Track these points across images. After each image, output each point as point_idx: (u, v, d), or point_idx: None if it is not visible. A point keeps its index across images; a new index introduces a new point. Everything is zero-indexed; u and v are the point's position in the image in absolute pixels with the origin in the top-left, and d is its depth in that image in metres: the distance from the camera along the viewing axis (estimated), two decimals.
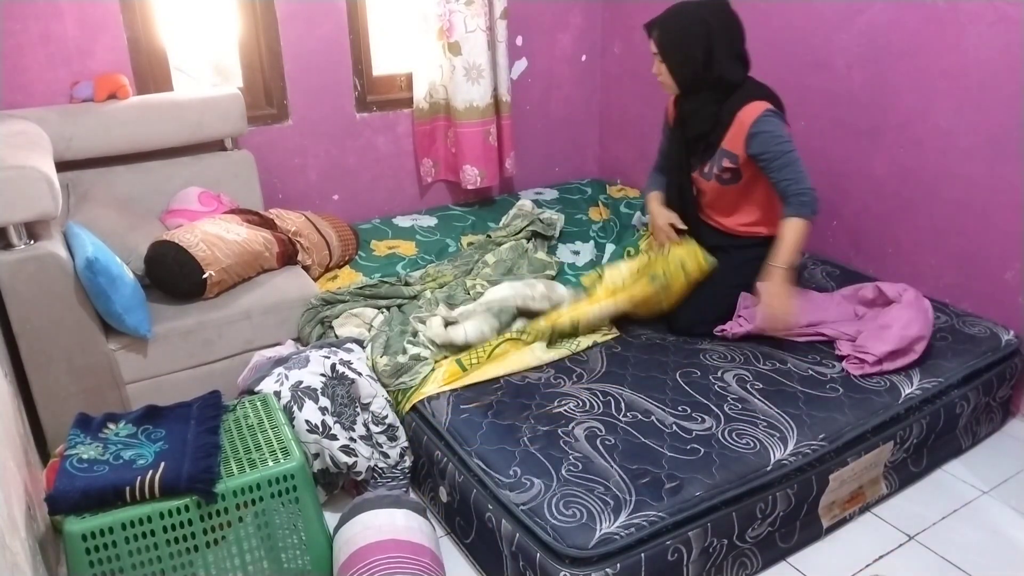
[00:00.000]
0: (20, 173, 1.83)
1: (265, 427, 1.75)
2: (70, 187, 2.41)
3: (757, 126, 2.13)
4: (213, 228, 2.31)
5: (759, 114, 2.14)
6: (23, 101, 2.45)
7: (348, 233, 2.79)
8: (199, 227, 2.31)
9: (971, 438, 2.20)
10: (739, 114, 2.16)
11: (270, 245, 2.40)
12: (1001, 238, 2.30)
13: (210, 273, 2.19)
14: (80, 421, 1.71)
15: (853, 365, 2.06)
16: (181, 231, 2.28)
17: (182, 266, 2.18)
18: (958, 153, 2.35)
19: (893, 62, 2.46)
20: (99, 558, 1.49)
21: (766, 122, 2.14)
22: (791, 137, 2.17)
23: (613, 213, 3.16)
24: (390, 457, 1.99)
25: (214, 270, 2.20)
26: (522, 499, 1.62)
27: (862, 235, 2.70)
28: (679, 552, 1.59)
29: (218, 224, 2.36)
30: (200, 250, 2.20)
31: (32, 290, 1.89)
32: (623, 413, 1.89)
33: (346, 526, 1.70)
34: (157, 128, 2.54)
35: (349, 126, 3.11)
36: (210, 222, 2.37)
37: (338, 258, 2.69)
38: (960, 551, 1.84)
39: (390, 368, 2.05)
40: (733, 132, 2.18)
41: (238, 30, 2.84)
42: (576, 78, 3.57)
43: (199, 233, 2.26)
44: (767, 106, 2.16)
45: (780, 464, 1.73)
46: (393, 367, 2.05)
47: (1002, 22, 2.16)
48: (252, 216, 2.51)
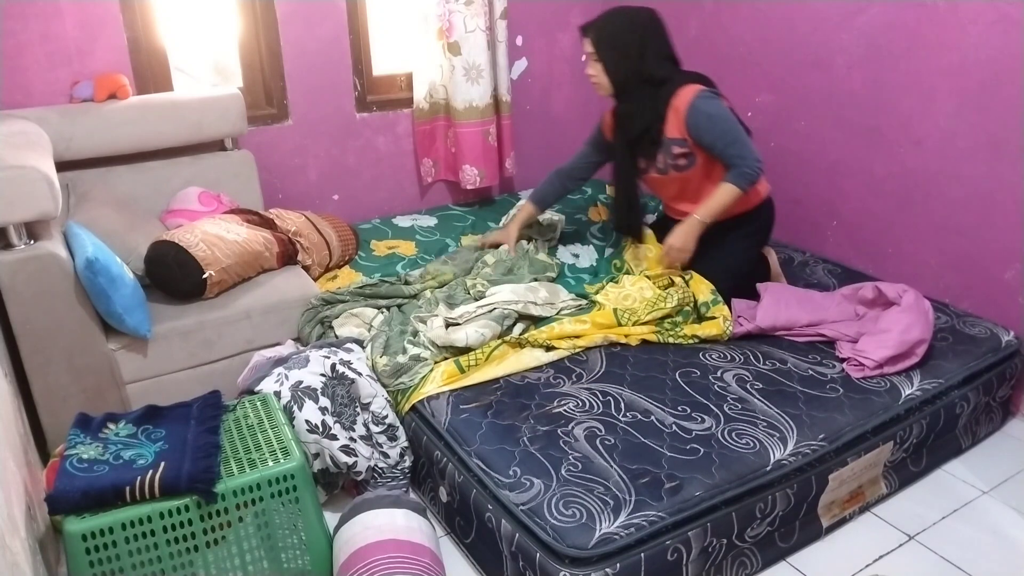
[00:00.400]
0: (20, 173, 1.83)
1: (265, 427, 1.75)
2: (70, 187, 2.41)
3: (692, 109, 2.23)
4: (213, 228, 2.31)
5: (692, 97, 2.24)
6: (23, 101, 2.45)
7: (348, 233, 2.79)
8: (199, 227, 2.31)
9: (971, 438, 2.20)
10: (673, 101, 2.27)
11: (270, 245, 2.40)
12: (1001, 238, 2.30)
13: (210, 273, 2.19)
14: (80, 421, 1.71)
15: (853, 368, 2.06)
16: (181, 231, 2.28)
17: (182, 266, 2.17)
18: (958, 153, 2.35)
19: (893, 62, 2.46)
20: (99, 558, 1.49)
21: (700, 103, 2.23)
22: (730, 112, 2.26)
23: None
24: (390, 457, 1.99)
25: (214, 270, 2.20)
26: (522, 499, 1.62)
27: (862, 235, 2.70)
28: (679, 552, 1.59)
29: (218, 224, 2.36)
30: (200, 250, 2.20)
31: (32, 290, 1.89)
32: (623, 413, 1.89)
33: (346, 526, 1.70)
34: (157, 128, 2.54)
35: (349, 126, 3.11)
36: (210, 222, 2.37)
37: (338, 258, 2.69)
38: (960, 551, 1.84)
39: (389, 368, 2.05)
40: (672, 119, 2.28)
41: (238, 30, 2.84)
42: (576, 78, 3.57)
43: (199, 233, 2.26)
44: (699, 88, 2.25)
45: (779, 464, 1.73)
46: (393, 367, 2.05)
47: (1002, 22, 2.16)
48: (252, 216, 2.51)
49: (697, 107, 2.22)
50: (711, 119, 2.23)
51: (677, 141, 2.29)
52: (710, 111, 2.23)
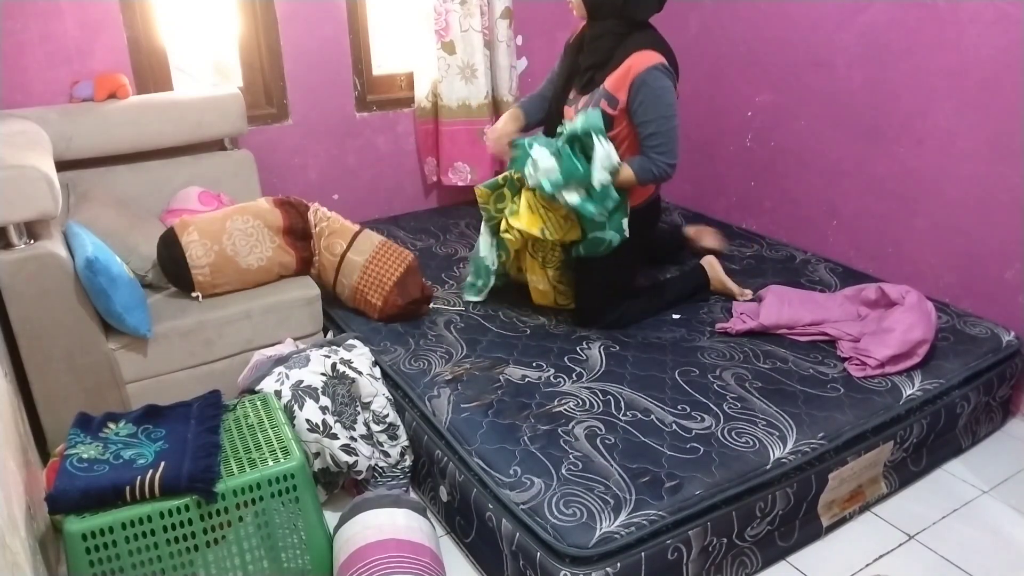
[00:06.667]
0: (20, 173, 1.83)
1: (265, 426, 1.75)
2: (70, 187, 2.41)
3: (646, 76, 2.06)
4: (236, 247, 2.23)
5: (651, 64, 2.07)
6: (23, 101, 2.45)
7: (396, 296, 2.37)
8: (219, 246, 2.20)
9: (971, 437, 2.20)
10: (631, 58, 2.09)
11: (285, 271, 2.35)
12: (1001, 238, 2.30)
13: (198, 295, 2.23)
14: (80, 421, 1.71)
15: (855, 367, 2.06)
16: (199, 242, 2.19)
17: (177, 277, 2.22)
18: (958, 153, 2.35)
19: (893, 62, 2.46)
20: (99, 558, 1.49)
21: (655, 76, 2.07)
22: (675, 103, 2.11)
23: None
24: (391, 456, 1.99)
25: (204, 293, 2.23)
26: (522, 498, 1.62)
27: (862, 235, 2.70)
28: (679, 551, 1.59)
29: (248, 238, 2.24)
30: (200, 273, 2.19)
31: (32, 290, 1.88)
32: (623, 412, 1.89)
33: (346, 526, 1.70)
34: (157, 128, 2.54)
35: (349, 126, 3.11)
36: (243, 236, 2.24)
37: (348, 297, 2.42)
38: (960, 551, 1.84)
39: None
40: (619, 74, 2.11)
41: (238, 30, 2.84)
42: None
43: (214, 253, 2.19)
44: (661, 60, 2.08)
45: (779, 463, 1.73)
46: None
47: (1002, 21, 2.16)
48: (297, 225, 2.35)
49: (651, 77, 2.06)
50: (658, 97, 2.07)
51: (610, 98, 2.12)
52: (661, 89, 2.07)
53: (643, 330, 2.30)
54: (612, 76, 2.13)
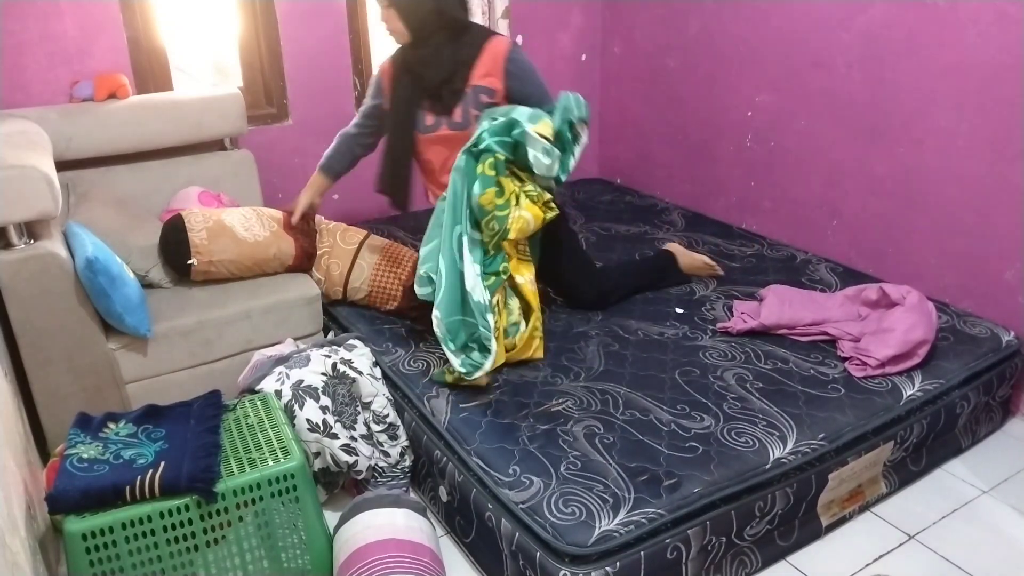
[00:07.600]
0: (20, 173, 1.83)
1: (265, 426, 1.75)
2: (70, 187, 2.41)
3: (511, 55, 2.15)
4: (233, 220, 2.34)
5: (508, 44, 2.18)
6: (23, 101, 2.45)
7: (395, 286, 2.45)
8: (221, 214, 2.35)
9: (971, 437, 2.20)
10: (488, 46, 2.15)
11: (284, 257, 2.37)
12: (1001, 238, 2.30)
13: (194, 261, 2.24)
14: (80, 420, 1.71)
15: (856, 367, 2.06)
16: (200, 212, 2.35)
17: (177, 245, 2.26)
18: (958, 153, 2.35)
19: (893, 62, 2.46)
20: (99, 557, 1.49)
21: (518, 51, 2.19)
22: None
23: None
24: (391, 456, 1.99)
25: (201, 260, 2.25)
26: (521, 498, 1.62)
27: (862, 235, 2.70)
28: (678, 550, 1.59)
29: (246, 218, 2.37)
30: (198, 236, 2.25)
31: (32, 290, 1.89)
32: (621, 411, 1.89)
33: (346, 526, 1.70)
34: (157, 128, 2.54)
35: None
36: (239, 213, 2.38)
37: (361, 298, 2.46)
38: (960, 550, 1.84)
39: None
40: (486, 65, 2.15)
41: (238, 30, 2.84)
42: (576, 78, 3.57)
43: (213, 220, 2.30)
44: (513, 41, 2.18)
45: (779, 462, 1.73)
46: None
47: (1002, 21, 2.16)
48: (303, 224, 2.44)
49: (515, 53, 2.16)
50: (532, 71, 2.19)
51: (487, 90, 2.15)
52: (527, 62, 2.19)
53: (644, 326, 2.30)
54: (478, 71, 2.15)
